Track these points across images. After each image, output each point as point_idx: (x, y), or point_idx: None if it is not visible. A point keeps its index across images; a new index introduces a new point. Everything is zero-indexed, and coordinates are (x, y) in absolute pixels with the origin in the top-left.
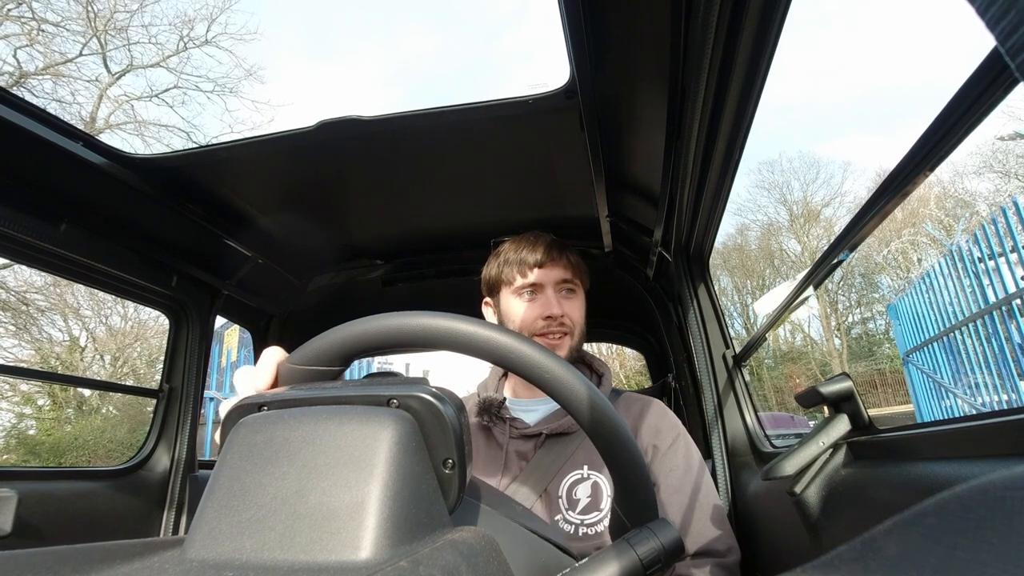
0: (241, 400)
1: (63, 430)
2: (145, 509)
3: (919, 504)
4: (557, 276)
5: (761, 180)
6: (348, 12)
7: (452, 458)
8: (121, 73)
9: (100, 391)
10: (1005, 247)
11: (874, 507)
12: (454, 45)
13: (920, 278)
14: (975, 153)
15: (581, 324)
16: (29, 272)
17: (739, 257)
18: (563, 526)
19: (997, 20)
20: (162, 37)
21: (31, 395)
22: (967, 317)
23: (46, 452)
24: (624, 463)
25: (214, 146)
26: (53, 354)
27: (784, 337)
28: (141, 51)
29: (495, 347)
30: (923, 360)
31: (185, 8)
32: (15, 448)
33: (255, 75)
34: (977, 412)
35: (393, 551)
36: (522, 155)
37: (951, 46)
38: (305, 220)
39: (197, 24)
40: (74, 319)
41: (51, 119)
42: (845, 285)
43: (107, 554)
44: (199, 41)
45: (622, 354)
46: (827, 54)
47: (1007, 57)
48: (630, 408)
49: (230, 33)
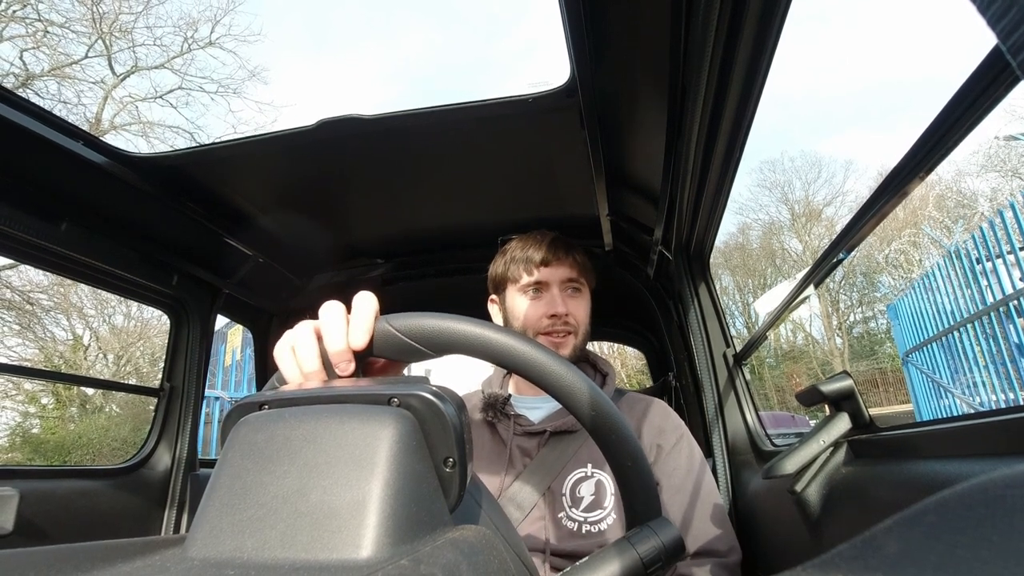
0: (242, 400)
1: (67, 428)
2: (146, 508)
3: (920, 502)
4: (563, 275)
5: (763, 179)
6: (347, 11)
7: (453, 457)
8: (126, 75)
9: (102, 390)
10: (1003, 249)
11: (875, 505)
12: (454, 44)
13: (919, 279)
14: (977, 151)
15: (586, 323)
16: (33, 272)
17: (741, 256)
18: (566, 523)
19: (998, 18)
20: (166, 39)
21: (35, 394)
22: (965, 318)
23: (51, 450)
24: (626, 461)
25: (214, 145)
26: (57, 352)
27: (786, 336)
28: (146, 52)
29: (506, 352)
30: (922, 360)
31: (189, 10)
32: (20, 446)
33: (258, 76)
34: (976, 411)
35: (394, 549)
36: (522, 154)
37: (954, 42)
38: (305, 219)
39: (201, 26)
40: (78, 318)
41: (52, 118)
42: (847, 284)
43: (109, 552)
44: (203, 43)
45: (623, 353)
46: (828, 50)
47: (1008, 55)
48: (634, 408)
49: (234, 35)
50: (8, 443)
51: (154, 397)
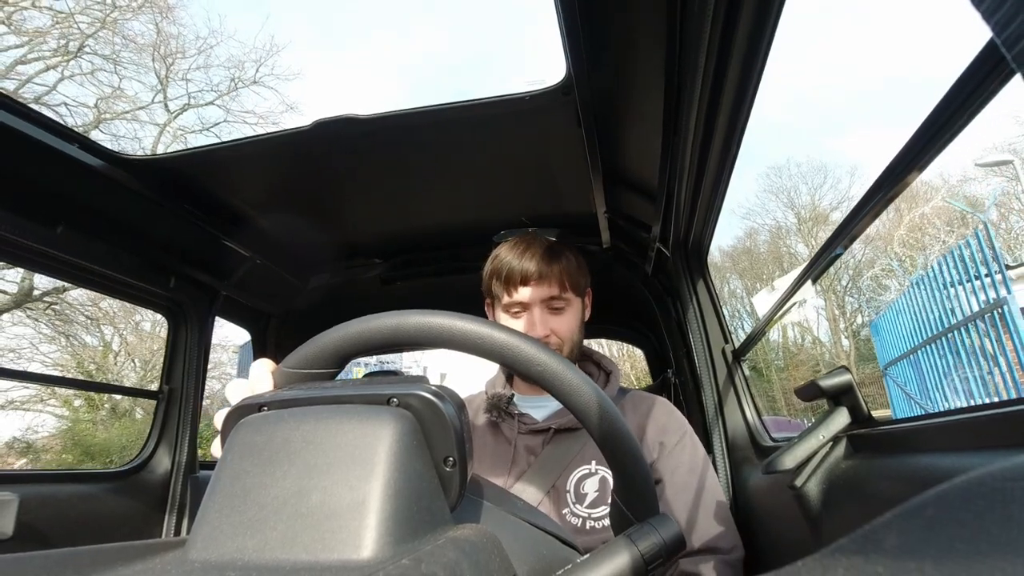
0: (241, 401)
1: (109, 432)
2: (146, 511)
3: (919, 496)
4: (543, 294)
5: (769, 185)
6: (347, 10)
7: (453, 456)
8: (180, 111)
9: (112, 393)
10: (962, 277)
11: (874, 499)
12: (449, 42)
13: (892, 303)
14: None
15: (572, 336)
16: (78, 292)
17: (748, 260)
18: (570, 519)
19: (993, 11)
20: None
21: (69, 399)
22: (926, 339)
23: (98, 451)
24: (622, 457)
25: (211, 147)
26: (88, 357)
27: (794, 339)
28: (194, 88)
29: (489, 343)
30: (897, 373)
31: (234, 53)
32: (71, 449)
33: (259, 78)
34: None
35: (395, 549)
36: (519, 152)
37: (956, 36)
38: (303, 219)
39: (247, 67)
40: (108, 325)
41: (46, 121)
42: (854, 288)
43: (109, 556)
44: (247, 82)
45: (633, 356)
46: (828, 48)
47: (1003, 49)
48: (637, 406)
49: (276, 74)
50: (60, 445)
51: (153, 400)
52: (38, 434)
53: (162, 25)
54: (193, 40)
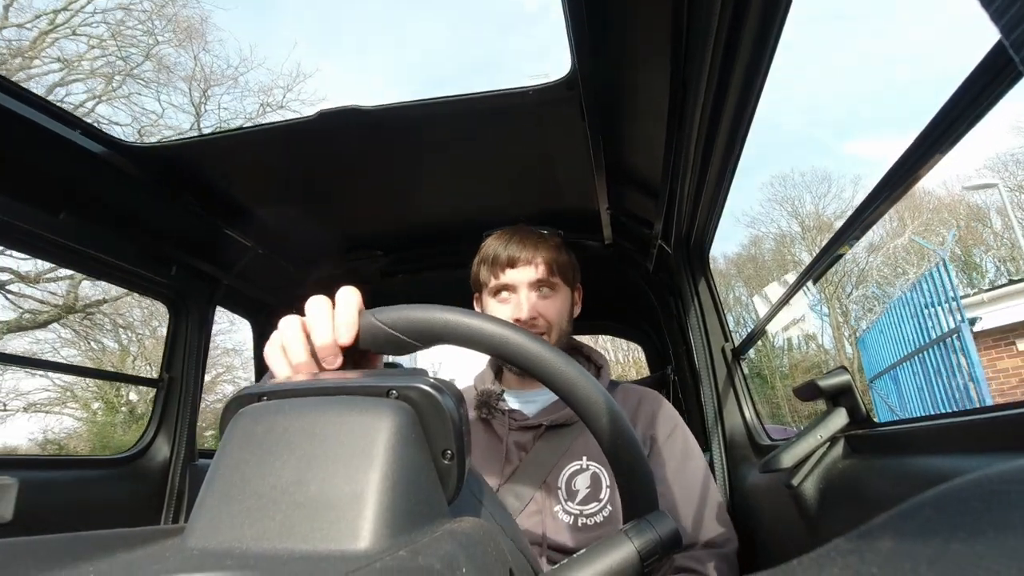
0: (241, 391)
1: (128, 434)
2: (145, 498)
3: (916, 497)
4: (529, 277)
5: (774, 194)
6: (353, 7)
7: (451, 449)
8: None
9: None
10: (936, 300)
11: (871, 500)
12: (454, 35)
13: (875, 323)
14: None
15: (560, 321)
16: (90, 288)
17: (753, 267)
18: (562, 516)
19: (1002, 13)
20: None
21: (88, 401)
22: (901, 358)
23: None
24: (623, 454)
25: (214, 135)
26: (107, 361)
27: (799, 347)
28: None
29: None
30: (880, 386)
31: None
32: (102, 449)
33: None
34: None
35: (392, 540)
36: (522, 146)
37: (960, 37)
38: (305, 210)
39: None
40: (125, 328)
41: (48, 106)
42: (859, 296)
43: (108, 542)
44: (275, 106)
45: (638, 360)
46: (832, 48)
47: (1011, 50)
48: (627, 399)
49: (302, 100)
50: (99, 444)
51: (153, 388)
52: (57, 435)
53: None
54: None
